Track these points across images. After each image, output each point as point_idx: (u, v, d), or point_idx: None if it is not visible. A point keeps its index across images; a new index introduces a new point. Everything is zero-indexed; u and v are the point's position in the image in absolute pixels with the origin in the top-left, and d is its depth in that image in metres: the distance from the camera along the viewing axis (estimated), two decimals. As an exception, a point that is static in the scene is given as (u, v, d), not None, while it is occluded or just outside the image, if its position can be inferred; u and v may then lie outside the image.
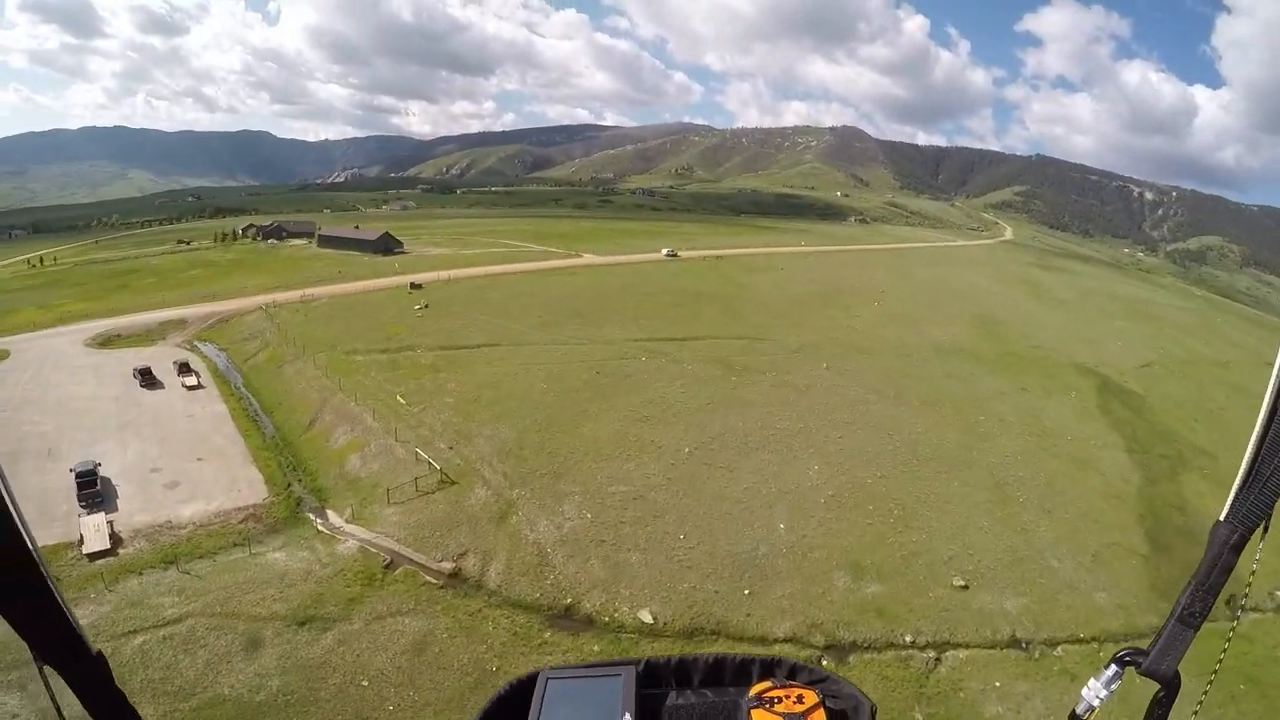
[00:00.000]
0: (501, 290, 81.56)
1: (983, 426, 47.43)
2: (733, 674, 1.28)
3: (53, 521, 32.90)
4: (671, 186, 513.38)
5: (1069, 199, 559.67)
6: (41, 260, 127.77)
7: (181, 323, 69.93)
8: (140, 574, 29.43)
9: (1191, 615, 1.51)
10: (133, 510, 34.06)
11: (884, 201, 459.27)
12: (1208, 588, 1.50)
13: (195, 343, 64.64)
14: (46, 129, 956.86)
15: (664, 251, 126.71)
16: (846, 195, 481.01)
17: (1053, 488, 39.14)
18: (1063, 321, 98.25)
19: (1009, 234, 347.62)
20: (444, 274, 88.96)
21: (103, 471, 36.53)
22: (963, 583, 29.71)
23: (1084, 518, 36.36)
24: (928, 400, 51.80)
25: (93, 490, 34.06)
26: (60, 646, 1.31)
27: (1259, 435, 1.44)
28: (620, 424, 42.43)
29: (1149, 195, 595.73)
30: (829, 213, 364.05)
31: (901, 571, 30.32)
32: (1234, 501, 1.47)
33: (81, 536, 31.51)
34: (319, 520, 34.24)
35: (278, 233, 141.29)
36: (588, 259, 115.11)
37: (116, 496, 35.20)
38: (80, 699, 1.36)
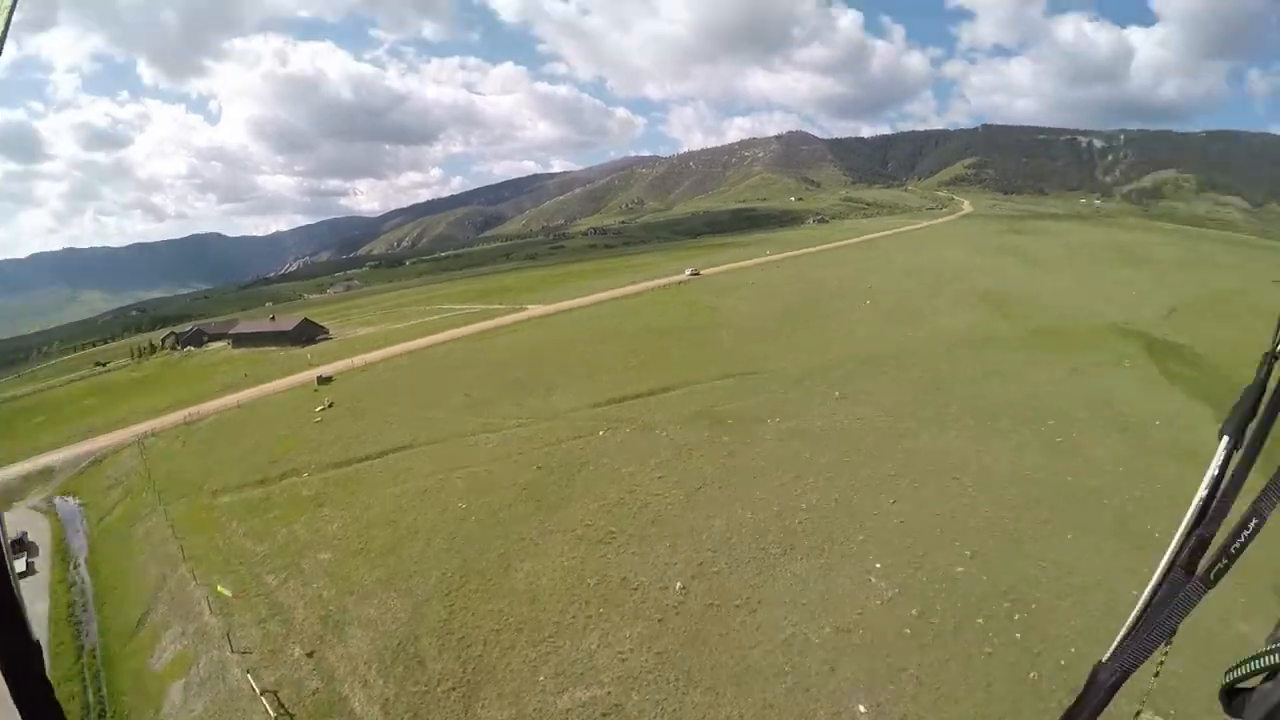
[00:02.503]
0: (426, 368, 69.34)
1: (1060, 435, 37.80)
2: None
3: None
4: (623, 221, 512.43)
5: (1019, 162, 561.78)
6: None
7: (48, 473, 57.91)
8: None
9: None
10: None
11: (839, 198, 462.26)
12: None
13: (56, 499, 52.60)
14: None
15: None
16: (800, 199, 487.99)
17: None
18: (1067, 283, 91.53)
19: (967, 207, 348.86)
20: (357, 360, 76.31)
21: None
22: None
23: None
24: (980, 414, 41.58)
25: None
26: (7, 618, 1.30)
27: (1156, 582, 1.51)
28: (574, 554, 29.86)
29: (1098, 143, 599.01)
30: (786, 219, 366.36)
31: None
32: (1120, 643, 1.46)
33: None
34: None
35: (196, 338, 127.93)
36: (531, 311, 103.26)
37: None
38: (10, 682, 1.30)
